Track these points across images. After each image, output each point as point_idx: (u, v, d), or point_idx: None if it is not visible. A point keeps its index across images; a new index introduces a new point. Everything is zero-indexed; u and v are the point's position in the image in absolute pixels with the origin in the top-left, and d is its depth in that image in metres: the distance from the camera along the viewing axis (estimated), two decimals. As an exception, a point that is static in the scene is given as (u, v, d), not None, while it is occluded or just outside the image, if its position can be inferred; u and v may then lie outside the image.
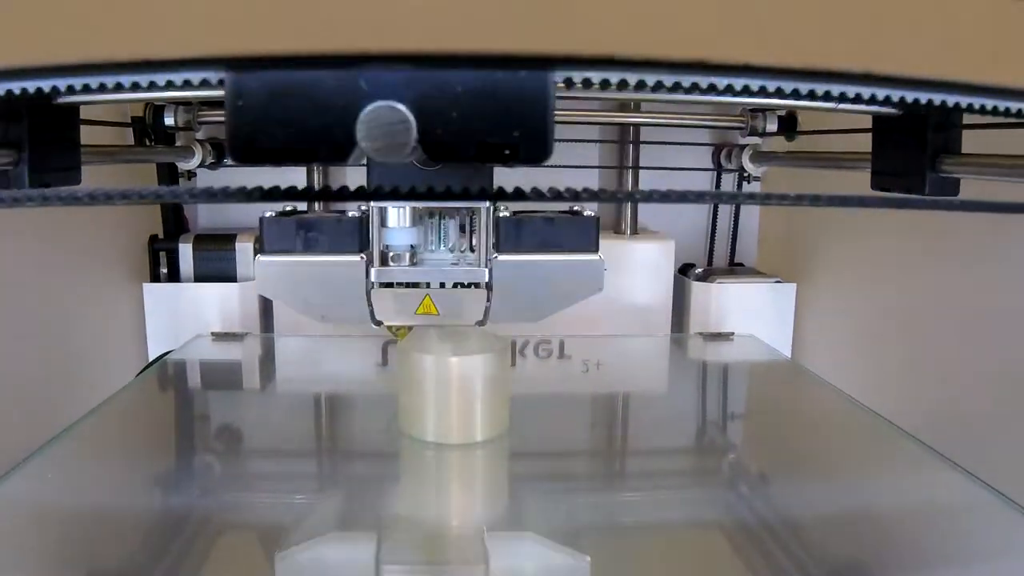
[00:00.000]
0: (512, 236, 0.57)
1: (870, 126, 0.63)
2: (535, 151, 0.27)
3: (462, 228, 0.62)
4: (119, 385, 1.07)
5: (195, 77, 0.27)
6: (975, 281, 0.82)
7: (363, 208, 0.58)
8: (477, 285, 0.61)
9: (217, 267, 1.15)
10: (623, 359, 1.03)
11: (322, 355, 1.02)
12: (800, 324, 1.19)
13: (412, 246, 0.59)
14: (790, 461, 0.69)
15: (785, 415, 0.82)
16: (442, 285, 0.61)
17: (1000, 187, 0.63)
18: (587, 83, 0.27)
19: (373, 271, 0.58)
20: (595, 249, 0.57)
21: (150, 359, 1.13)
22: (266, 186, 0.27)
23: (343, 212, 0.58)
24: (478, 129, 0.27)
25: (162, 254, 1.17)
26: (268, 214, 0.58)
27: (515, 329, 1.04)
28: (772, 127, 1.14)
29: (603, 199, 0.84)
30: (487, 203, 0.58)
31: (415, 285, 0.62)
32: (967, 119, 0.59)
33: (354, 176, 1.26)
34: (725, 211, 1.32)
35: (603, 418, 0.84)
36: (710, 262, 1.32)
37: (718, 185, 1.25)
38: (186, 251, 1.15)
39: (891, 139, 0.61)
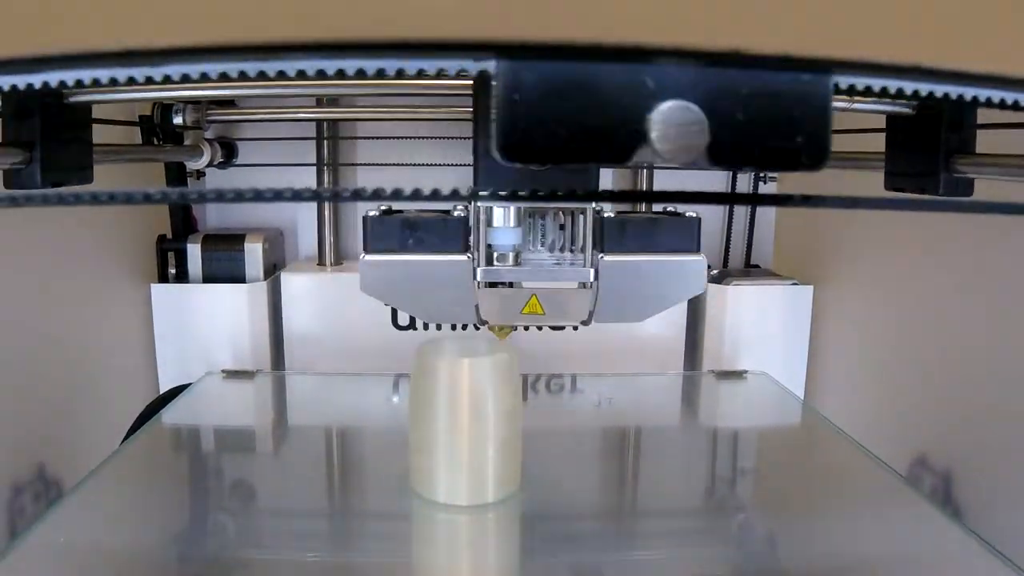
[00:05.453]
0: (617, 236, 0.57)
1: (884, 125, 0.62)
2: (816, 157, 0.26)
3: (562, 227, 0.61)
4: (124, 385, 1.06)
5: (452, 65, 0.25)
6: (1004, 282, 0.79)
7: (459, 208, 0.58)
8: (583, 285, 0.61)
9: (226, 267, 1.14)
10: (633, 403, 1.00)
11: (334, 397, 1.01)
12: (817, 327, 1.16)
13: (515, 245, 0.59)
14: (806, 525, 0.67)
15: (796, 475, 0.79)
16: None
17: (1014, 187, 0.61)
18: (852, 89, 0.27)
19: (479, 271, 0.58)
20: (697, 249, 0.58)
21: (157, 360, 1.12)
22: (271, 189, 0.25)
23: (447, 212, 0.58)
24: (764, 133, 0.26)
25: (170, 254, 1.16)
26: (372, 213, 0.57)
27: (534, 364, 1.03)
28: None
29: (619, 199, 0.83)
30: (593, 204, 0.58)
31: (518, 285, 0.63)
32: (981, 119, 0.58)
33: (364, 177, 1.25)
34: (741, 211, 1.30)
35: (612, 476, 0.82)
36: (725, 263, 1.30)
37: (734, 185, 1.23)
38: (194, 251, 1.13)
39: (905, 139, 0.61)
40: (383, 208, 0.58)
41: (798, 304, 1.16)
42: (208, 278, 1.14)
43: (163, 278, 1.15)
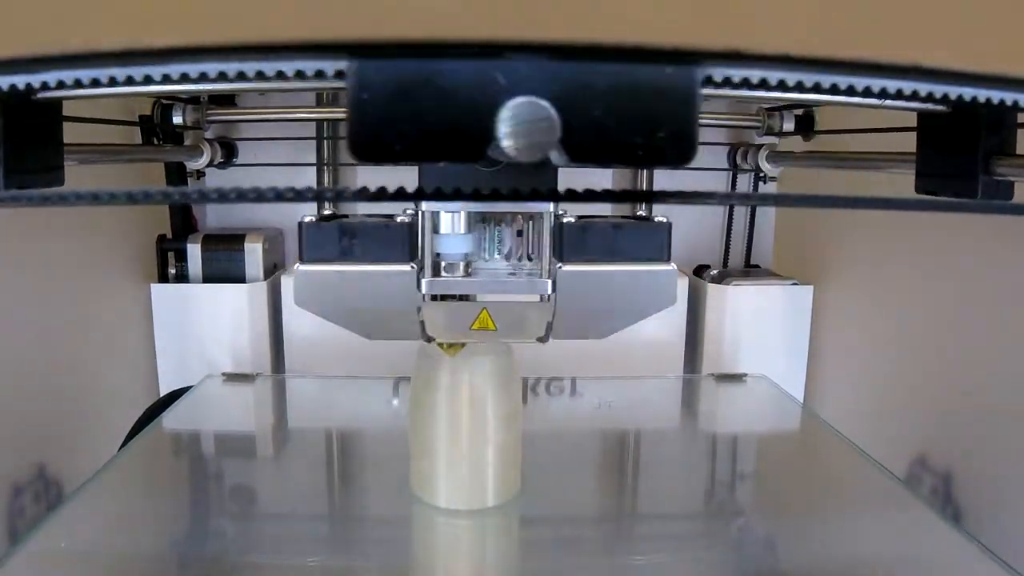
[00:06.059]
0: (578, 244, 0.51)
1: (889, 125, 0.60)
2: (681, 152, 0.25)
3: (519, 234, 0.55)
4: (124, 384, 1.06)
5: (310, 67, 0.24)
6: (1004, 282, 0.79)
7: (409, 212, 0.53)
8: (540, 298, 0.55)
9: (225, 267, 1.14)
10: (633, 406, 1.00)
11: (334, 400, 1.00)
12: (817, 327, 1.16)
13: (466, 254, 0.53)
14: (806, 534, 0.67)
15: (796, 480, 0.79)
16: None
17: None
18: (727, 81, 0.26)
19: (424, 282, 0.52)
20: (667, 258, 0.52)
21: (157, 360, 1.12)
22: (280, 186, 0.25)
23: (391, 217, 0.52)
24: (623, 129, 0.25)
25: (170, 254, 1.16)
26: (307, 218, 0.52)
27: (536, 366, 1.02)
28: (789, 126, 1.12)
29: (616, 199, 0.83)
30: (550, 206, 0.52)
31: (470, 297, 0.57)
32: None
33: (365, 176, 1.25)
34: (741, 211, 1.30)
35: (612, 480, 0.81)
36: (725, 263, 1.30)
37: (734, 185, 1.23)
38: (194, 251, 1.13)
39: (938, 139, 0.56)
40: (323, 213, 0.53)
41: (798, 304, 1.16)
42: (208, 278, 1.14)
43: (163, 278, 1.15)
